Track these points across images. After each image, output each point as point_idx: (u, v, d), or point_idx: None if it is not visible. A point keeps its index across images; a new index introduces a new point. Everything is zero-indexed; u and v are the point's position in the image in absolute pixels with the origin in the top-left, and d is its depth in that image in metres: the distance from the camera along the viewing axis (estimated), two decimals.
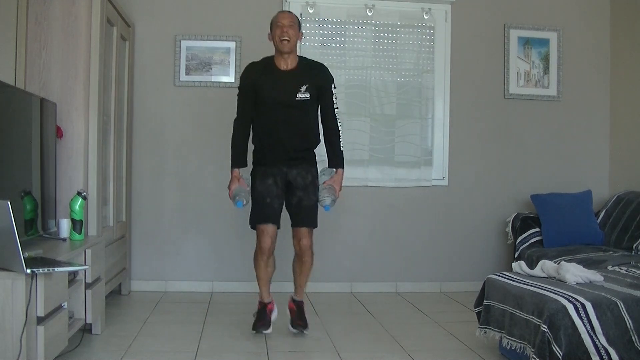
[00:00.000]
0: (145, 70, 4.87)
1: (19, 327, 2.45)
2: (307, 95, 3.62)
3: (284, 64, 3.64)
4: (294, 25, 3.61)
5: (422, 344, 3.56)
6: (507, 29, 5.18)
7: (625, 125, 5.14)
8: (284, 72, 3.64)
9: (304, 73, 3.65)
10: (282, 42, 3.57)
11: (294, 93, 3.60)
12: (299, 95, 3.60)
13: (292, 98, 3.60)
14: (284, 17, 3.64)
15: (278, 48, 3.62)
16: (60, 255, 2.91)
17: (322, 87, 3.67)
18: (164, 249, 4.89)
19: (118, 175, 4.35)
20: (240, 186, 3.66)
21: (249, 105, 3.70)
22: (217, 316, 4.13)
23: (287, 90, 3.61)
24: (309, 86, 3.62)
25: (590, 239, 4.61)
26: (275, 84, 3.62)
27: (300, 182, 3.66)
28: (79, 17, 3.69)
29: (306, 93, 3.61)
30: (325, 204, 3.64)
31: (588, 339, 2.70)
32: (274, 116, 3.64)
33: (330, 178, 3.73)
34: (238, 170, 3.71)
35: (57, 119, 3.60)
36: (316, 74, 3.68)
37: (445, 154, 5.13)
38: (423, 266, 5.12)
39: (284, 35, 3.56)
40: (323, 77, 3.69)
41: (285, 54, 3.61)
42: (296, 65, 3.66)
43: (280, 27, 3.58)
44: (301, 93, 3.60)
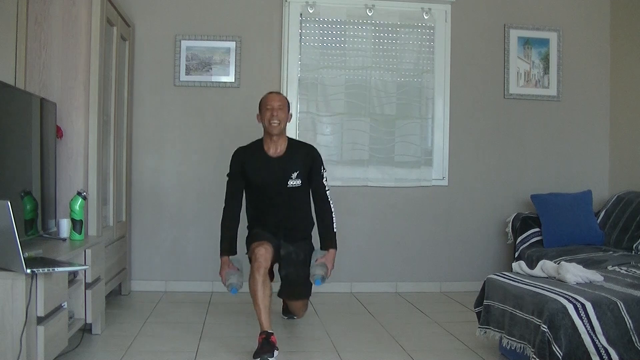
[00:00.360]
0: (145, 70, 4.87)
1: (19, 327, 2.45)
2: (298, 182, 3.64)
3: (273, 148, 3.65)
4: (283, 107, 3.62)
5: (422, 344, 3.56)
6: (507, 29, 5.18)
7: (625, 125, 5.14)
8: (274, 158, 3.64)
9: (294, 158, 3.65)
10: (272, 125, 3.57)
11: (285, 181, 3.62)
12: (290, 182, 3.63)
13: (283, 186, 3.63)
14: (274, 98, 3.63)
15: (268, 131, 3.62)
16: (60, 255, 2.91)
17: (312, 171, 3.69)
18: (164, 249, 4.90)
19: (118, 175, 4.35)
20: (231, 270, 3.62)
21: (238, 191, 3.72)
22: (217, 316, 4.13)
23: (278, 177, 3.62)
24: (300, 172, 3.64)
25: (590, 239, 4.61)
26: (265, 172, 3.63)
27: (293, 259, 3.67)
28: (79, 17, 3.69)
29: (297, 180, 3.64)
30: (317, 279, 3.63)
31: (588, 339, 2.70)
32: (265, 201, 3.68)
33: (322, 256, 3.71)
34: (228, 258, 3.67)
35: (57, 119, 3.60)
36: (306, 158, 3.68)
37: (445, 154, 5.13)
38: (423, 266, 5.12)
39: (274, 118, 3.56)
40: (313, 161, 3.70)
41: (274, 136, 3.62)
42: (285, 150, 3.66)
43: (270, 110, 3.58)
44: (292, 180, 3.63)
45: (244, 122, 4.88)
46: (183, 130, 4.92)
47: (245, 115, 4.90)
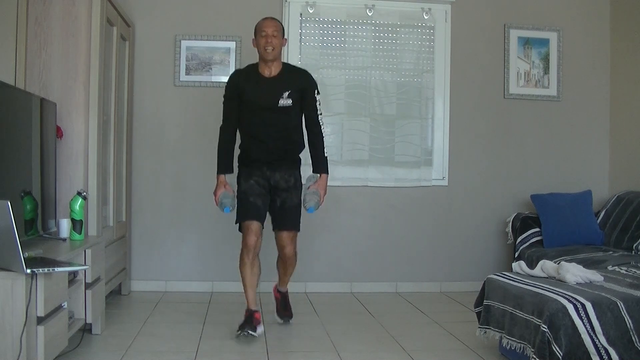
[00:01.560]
0: (145, 70, 4.87)
1: (19, 327, 2.45)
2: (289, 102, 3.66)
3: (267, 70, 3.69)
4: (277, 33, 3.65)
5: (422, 344, 3.56)
6: (507, 29, 5.18)
7: (625, 125, 5.14)
8: (267, 78, 3.68)
9: (287, 79, 3.69)
10: (266, 51, 3.62)
11: (276, 99, 3.65)
12: (281, 101, 3.65)
13: (274, 104, 3.65)
14: (268, 25, 3.67)
15: (262, 56, 3.67)
16: (60, 255, 2.91)
17: (305, 93, 3.71)
18: (164, 249, 4.90)
19: (118, 175, 4.35)
20: (226, 192, 3.70)
21: (234, 111, 3.75)
22: (217, 316, 4.13)
23: (270, 96, 3.65)
24: (292, 92, 3.67)
25: (590, 239, 4.61)
26: (258, 91, 3.66)
27: (282, 185, 3.72)
28: (79, 17, 3.69)
29: (288, 99, 3.66)
30: (310, 206, 3.69)
31: (588, 339, 2.70)
32: (257, 121, 3.69)
33: (314, 182, 3.76)
34: (224, 176, 3.75)
35: (57, 119, 3.60)
36: (299, 79, 3.72)
37: (445, 154, 5.13)
38: (423, 266, 5.11)
39: (268, 44, 3.61)
40: (305, 83, 3.73)
41: (269, 61, 3.66)
42: (279, 72, 3.70)
43: (265, 37, 3.62)
44: (283, 99, 3.65)
45: None
46: (183, 130, 4.92)
47: None
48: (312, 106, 3.73)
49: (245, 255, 3.62)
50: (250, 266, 3.62)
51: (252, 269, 3.63)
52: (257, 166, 3.71)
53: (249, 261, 3.61)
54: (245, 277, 3.63)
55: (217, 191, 3.72)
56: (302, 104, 3.73)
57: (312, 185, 3.76)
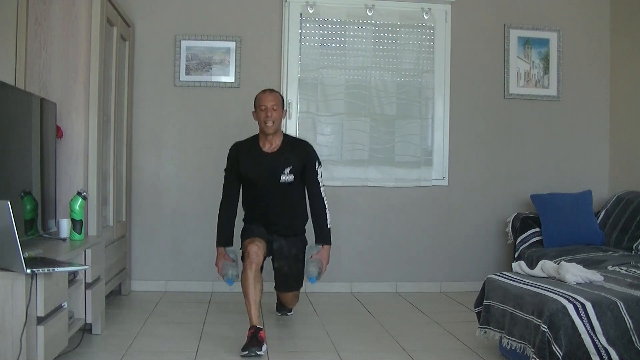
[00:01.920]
0: (145, 70, 4.87)
1: (19, 327, 2.44)
2: (291, 177, 3.69)
3: (268, 145, 3.71)
4: (277, 107, 3.66)
5: (422, 344, 3.56)
6: (507, 29, 5.18)
7: (625, 125, 5.14)
8: (268, 154, 3.70)
9: (288, 154, 3.71)
10: (266, 125, 3.64)
11: (278, 176, 3.68)
12: (283, 177, 3.68)
13: (275, 181, 3.68)
14: (267, 98, 3.67)
15: (262, 130, 3.69)
16: (60, 255, 2.91)
17: (307, 167, 3.74)
18: (164, 249, 4.89)
19: (118, 175, 4.35)
20: (227, 262, 3.72)
21: (235, 185, 3.80)
22: (217, 316, 4.13)
23: (271, 173, 3.68)
24: (293, 168, 3.69)
25: (590, 239, 4.61)
26: (258, 167, 3.69)
27: (285, 252, 3.76)
28: (79, 17, 3.69)
29: (290, 175, 3.69)
30: (312, 276, 3.72)
31: (588, 339, 2.70)
32: (259, 196, 3.75)
33: (317, 252, 3.77)
34: (223, 249, 3.77)
35: (57, 119, 3.60)
36: (300, 154, 3.74)
37: (445, 154, 5.13)
38: (423, 266, 5.11)
39: (268, 119, 3.62)
40: (306, 157, 3.75)
41: (269, 135, 3.68)
42: (280, 147, 3.72)
43: (264, 111, 3.63)
44: (285, 175, 3.68)
45: (244, 122, 4.86)
46: (183, 130, 4.92)
47: (245, 115, 4.89)
48: (314, 179, 3.76)
49: (249, 267, 3.45)
50: (254, 281, 3.43)
51: (256, 284, 3.43)
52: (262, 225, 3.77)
53: (251, 274, 3.43)
54: (249, 292, 3.42)
55: (219, 262, 3.76)
56: (303, 178, 3.75)
57: (314, 254, 3.76)
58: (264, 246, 3.59)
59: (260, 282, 3.49)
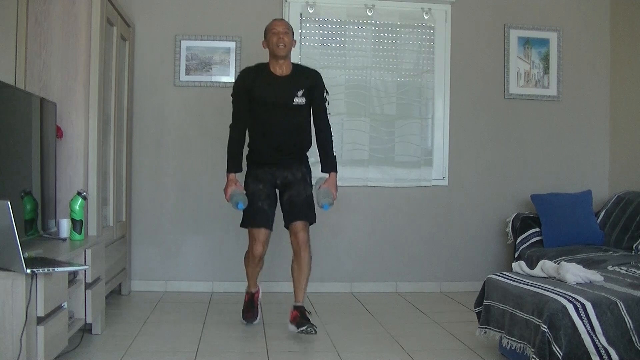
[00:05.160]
0: (145, 70, 4.87)
1: (19, 327, 2.44)
2: (303, 100, 3.72)
3: (279, 69, 3.73)
4: (288, 32, 3.72)
5: (422, 344, 3.56)
6: (507, 29, 5.18)
7: (625, 125, 5.14)
8: (280, 77, 3.72)
9: (299, 78, 3.74)
10: (278, 47, 3.66)
11: (291, 97, 3.69)
12: (296, 99, 3.70)
13: (289, 102, 3.69)
14: (279, 24, 3.73)
15: (274, 53, 3.71)
16: (60, 255, 2.91)
17: (315, 93, 3.77)
18: (164, 249, 4.89)
19: (118, 175, 4.35)
20: (236, 189, 3.73)
21: (244, 109, 3.77)
22: (217, 316, 4.13)
23: (284, 94, 3.69)
24: (305, 91, 3.72)
25: (590, 239, 4.61)
26: (271, 88, 3.70)
27: (290, 179, 3.76)
28: (79, 17, 3.69)
29: (302, 98, 3.71)
30: (324, 203, 3.69)
31: (588, 339, 2.70)
32: (269, 118, 3.72)
33: (324, 182, 3.78)
34: (234, 174, 3.78)
35: (57, 119, 3.59)
36: (310, 79, 3.77)
37: (445, 154, 5.13)
38: (423, 266, 5.11)
39: (280, 41, 3.65)
40: (317, 83, 3.78)
41: (280, 59, 3.70)
42: (291, 71, 3.75)
43: (277, 34, 3.67)
44: (298, 98, 3.70)
45: None
46: (183, 130, 4.92)
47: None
48: (322, 106, 3.79)
49: (251, 260, 3.80)
50: (256, 265, 3.84)
51: (256, 267, 3.87)
52: (266, 165, 3.75)
53: (253, 264, 3.83)
54: (249, 271, 3.90)
55: (227, 189, 3.74)
56: (312, 103, 3.77)
57: (322, 184, 3.77)
58: (268, 238, 3.72)
59: (260, 266, 3.89)
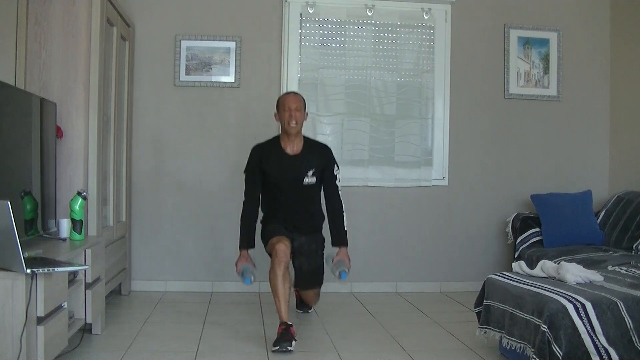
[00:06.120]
0: (145, 70, 4.87)
1: (19, 327, 2.45)
2: (313, 180, 3.80)
3: (290, 147, 3.80)
4: (300, 108, 3.77)
5: (422, 344, 3.56)
6: (507, 29, 5.18)
7: (625, 125, 5.14)
8: (291, 156, 3.79)
9: (310, 157, 3.82)
10: (290, 125, 3.73)
11: (302, 178, 3.78)
12: (306, 180, 3.79)
13: (299, 183, 3.78)
14: (292, 100, 3.78)
15: (285, 130, 3.78)
16: (60, 255, 2.91)
17: (326, 170, 3.85)
18: (164, 249, 4.89)
19: (118, 175, 4.35)
20: (247, 264, 3.76)
21: (256, 187, 3.86)
22: (217, 316, 4.13)
23: (295, 175, 3.78)
24: (315, 170, 3.79)
25: (590, 239, 4.61)
26: (282, 169, 3.78)
27: (305, 249, 3.86)
28: (79, 17, 3.69)
29: (313, 177, 3.80)
30: (341, 272, 3.81)
31: (588, 339, 2.70)
32: (280, 198, 3.83)
33: (337, 255, 3.89)
34: (246, 251, 3.82)
35: (57, 119, 3.59)
36: (321, 157, 3.85)
37: (445, 154, 5.13)
38: (423, 266, 5.11)
39: (292, 118, 3.71)
40: (327, 160, 3.87)
41: (292, 136, 3.77)
42: (302, 149, 3.81)
43: (288, 111, 3.73)
44: (308, 178, 3.79)
45: (244, 122, 4.88)
46: (183, 130, 4.92)
47: (245, 115, 4.91)
48: (333, 182, 3.87)
49: (278, 266, 3.54)
50: (282, 279, 3.54)
51: (284, 282, 3.54)
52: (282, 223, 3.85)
53: (280, 272, 3.53)
54: (278, 289, 3.52)
55: (239, 263, 3.78)
56: (322, 180, 3.85)
57: (335, 257, 3.87)
58: (290, 245, 3.69)
59: (288, 280, 3.61)
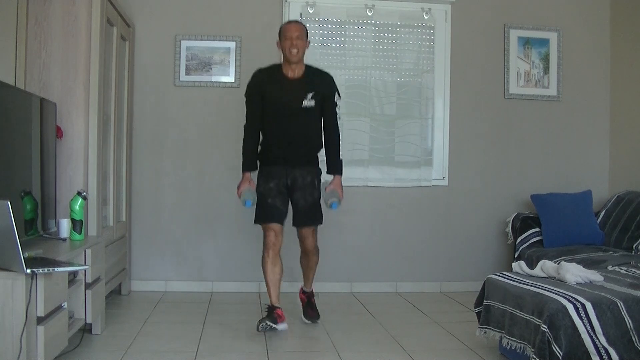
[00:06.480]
0: (145, 70, 4.86)
1: (19, 327, 2.44)
2: (312, 103, 3.76)
3: (292, 72, 3.77)
4: (301, 36, 3.75)
5: (422, 344, 3.56)
6: (507, 29, 5.18)
7: (625, 125, 5.14)
8: (291, 80, 3.77)
9: (311, 81, 3.79)
10: (291, 53, 3.71)
11: (300, 100, 3.74)
12: (305, 102, 3.75)
13: (298, 105, 3.74)
14: (293, 28, 3.76)
15: (287, 58, 3.76)
16: (60, 255, 2.91)
17: (326, 96, 3.82)
18: (164, 249, 4.89)
19: (118, 175, 4.35)
20: (249, 187, 3.79)
21: (257, 110, 3.83)
22: (217, 316, 4.13)
23: (294, 97, 3.75)
24: (315, 94, 3.77)
25: (590, 239, 4.61)
26: (282, 91, 3.76)
27: (300, 182, 3.81)
28: (79, 17, 3.69)
29: (311, 100, 3.76)
30: (332, 202, 3.79)
31: (588, 339, 2.70)
32: (280, 121, 3.78)
33: (330, 183, 3.87)
34: (249, 173, 3.83)
35: (57, 119, 3.60)
36: (322, 82, 3.83)
37: (445, 154, 5.13)
38: (423, 266, 5.11)
39: (293, 46, 3.70)
40: (328, 86, 3.84)
41: (293, 63, 3.75)
42: (303, 74, 3.80)
43: (290, 39, 3.71)
44: (307, 100, 3.75)
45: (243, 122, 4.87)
46: (183, 130, 4.92)
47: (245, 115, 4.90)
48: (332, 110, 3.85)
49: (266, 252, 3.72)
50: (272, 263, 3.71)
51: (274, 266, 3.72)
52: (277, 166, 3.80)
53: (269, 258, 3.71)
54: (267, 273, 3.71)
55: (241, 186, 3.81)
56: (322, 106, 3.82)
57: (328, 186, 3.86)
58: (281, 230, 3.74)
59: (279, 265, 3.75)
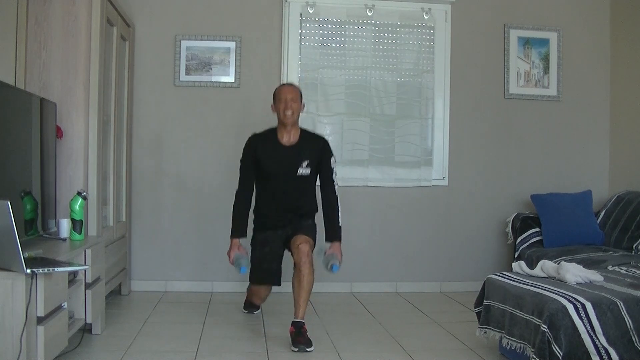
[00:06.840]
0: (145, 70, 4.87)
1: (19, 327, 2.44)
2: (307, 171, 3.74)
3: (287, 137, 3.75)
4: (296, 99, 3.72)
5: (422, 344, 3.56)
6: (507, 29, 5.18)
7: (625, 125, 5.14)
8: (286, 147, 3.74)
9: (305, 148, 3.75)
10: (286, 115, 3.68)
11: (295, 169, 3.72)
12: (300, 170, 3.72)
13: (293, 173, 3.72)
14: (288, 91, 3.74)
15: (281, 121, 3.73)
16: (60, 255, 2.91)
17: (322, 162, 3.78)
18: (164, 249, 4.89)
19: (118, 175, 4.35)
20: (239, 253, 3.77)
21: (250, 176, 3.81)
22: (217, 316, 4.13)
23: (289, 165, 3.72)
24: (310, 161, 3.74)
25: (590, 239, 4.61)
26: (277, 159, 3.73)
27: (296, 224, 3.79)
28: (79, 17, 3.69)
29: (307, 169, 3.74)
30: (333, 264, 3.69)
31: (588, 339, 2.70)
32: (274, 188, 3.77)
33: (329, 248, 3.78)
34: (238, 240, 3.80)
35: (57, 119, 3.60)
36: (317, 148, 3.78)
37: (445, 154, 5.13)
38: (423, 266, 5.12)
39: (288, 108, 3.67)
40: (323, 152, 3.80)
41: (288, 126, 3.72)
42: (298, 140, 3.76)
43: (284, 101, 3.68)
44: (302, 169, 3.73)
45: (244, 122, 4.88)
46: (183, 130, 4.92)
47: (245, 115, 4.91)
48: (328, 175, 3.81)
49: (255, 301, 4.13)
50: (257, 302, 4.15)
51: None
52: (272, 231, 3.81)
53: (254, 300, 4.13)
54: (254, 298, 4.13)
55: (231, 252, 3.77)
56: (318, 172, 3.80)
57: (327, 250, 3.79)
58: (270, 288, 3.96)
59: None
